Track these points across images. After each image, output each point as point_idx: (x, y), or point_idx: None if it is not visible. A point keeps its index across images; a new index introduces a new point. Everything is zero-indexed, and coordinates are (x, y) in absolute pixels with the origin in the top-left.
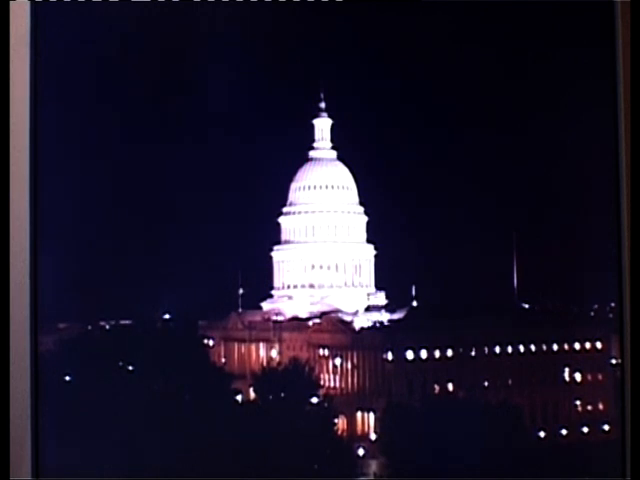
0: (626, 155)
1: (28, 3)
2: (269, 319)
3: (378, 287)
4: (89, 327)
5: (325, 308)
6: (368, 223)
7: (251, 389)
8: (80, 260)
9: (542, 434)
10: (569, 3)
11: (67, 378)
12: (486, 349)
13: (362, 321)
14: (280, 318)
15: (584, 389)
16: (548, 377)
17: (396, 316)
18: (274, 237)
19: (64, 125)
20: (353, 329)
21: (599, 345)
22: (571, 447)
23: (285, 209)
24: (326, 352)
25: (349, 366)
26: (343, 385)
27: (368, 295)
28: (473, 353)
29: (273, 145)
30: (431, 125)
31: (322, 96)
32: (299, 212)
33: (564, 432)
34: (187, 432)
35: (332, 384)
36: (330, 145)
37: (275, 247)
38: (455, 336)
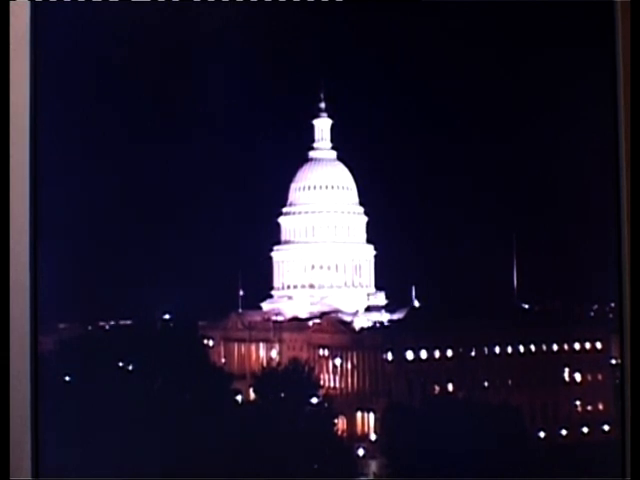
0: (626, 155)
1: (28, 3)
2: (269, 319)
3: (378, 287)
4: (89, 327)
5: (325, 308)
6: (368, 223)
7: (251, 389)
8: (80, 260)
9: (542, 434)
10: (569, 3)
11: (67, 378)
12: (486, 349)
13: (362, 321)
14: (280, 318)
15: (584, 389)
16: (548, 377)
17: (396, 316)
18: (274, 237)
19: (64, 125)
20: (353, 329)
21: (599, 345)
22: (571, 447)
23: (285, 209)
24: (326, 352)
25: (349, 366)
26: (343, 385)
27: (368, 295)
28: (473, 353)
29: (273, 145)
30: (431, 125)
31: (322, 96)
32: (299, 212)
33: (564, 432)
34: (187, 432)
35: (332, 384)
36: (330, 145)
37: (275, 247)
38: (455, 336)
